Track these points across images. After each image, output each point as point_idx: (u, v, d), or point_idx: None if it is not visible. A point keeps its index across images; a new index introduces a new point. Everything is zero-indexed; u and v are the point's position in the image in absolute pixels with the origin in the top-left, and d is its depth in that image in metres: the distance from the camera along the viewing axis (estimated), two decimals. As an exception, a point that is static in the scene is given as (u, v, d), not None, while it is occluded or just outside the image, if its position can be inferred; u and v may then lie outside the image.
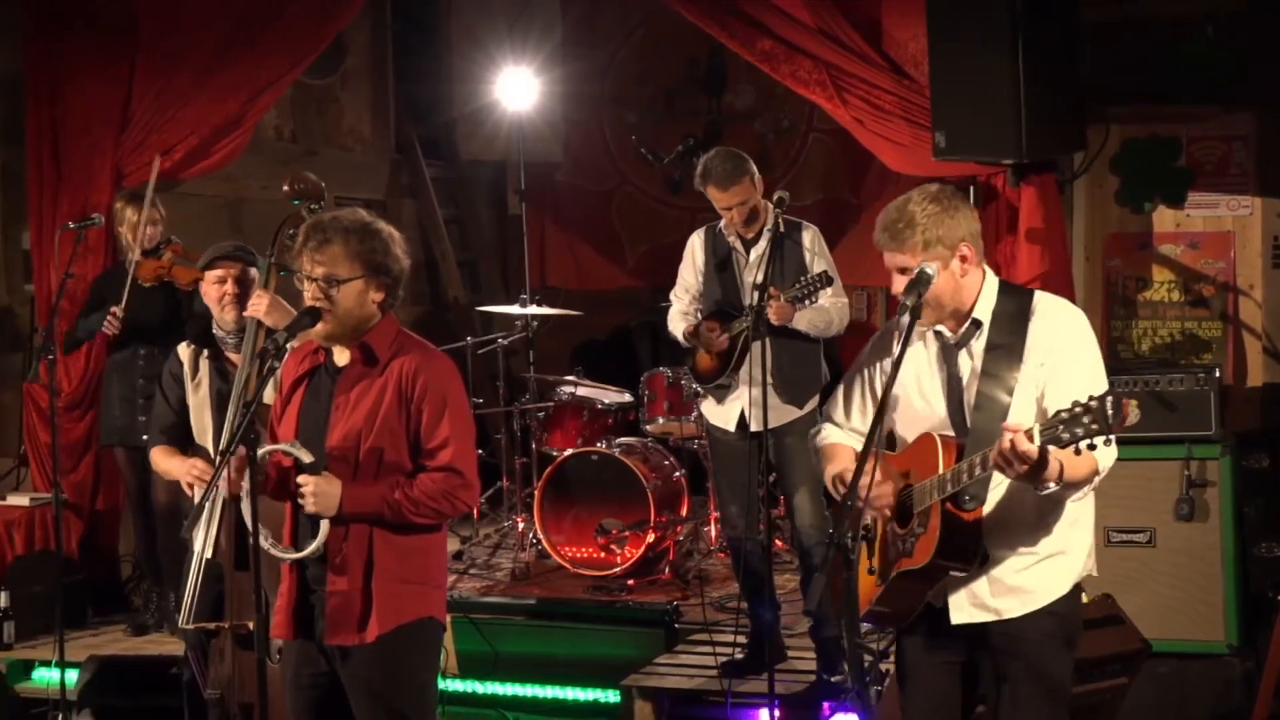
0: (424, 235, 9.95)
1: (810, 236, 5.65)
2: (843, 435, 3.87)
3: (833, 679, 5.48)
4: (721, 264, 5.76)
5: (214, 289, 4.89)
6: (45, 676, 6.48)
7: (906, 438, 3.69)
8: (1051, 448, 3.24)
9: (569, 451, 7.10)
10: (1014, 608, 3.59)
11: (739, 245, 5.71)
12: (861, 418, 3.82)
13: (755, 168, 5.63)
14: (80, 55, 7.22)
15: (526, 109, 9.00)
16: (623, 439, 7.27)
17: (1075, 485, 3.46)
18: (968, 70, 5.65)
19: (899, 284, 3.58)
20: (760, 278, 5.24)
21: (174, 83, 7.18)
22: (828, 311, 5.58)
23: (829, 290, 5.50)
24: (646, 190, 9.82)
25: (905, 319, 3.56)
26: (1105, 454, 3.39)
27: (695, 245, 5.87)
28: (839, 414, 3.88)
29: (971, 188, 6.36)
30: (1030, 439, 3.23)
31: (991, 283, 3.63)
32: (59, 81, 7.25)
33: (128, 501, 7.08)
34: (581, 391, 7.57)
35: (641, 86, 9.84)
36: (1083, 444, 3.16)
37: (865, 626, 3.90)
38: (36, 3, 7.31)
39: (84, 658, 6.22)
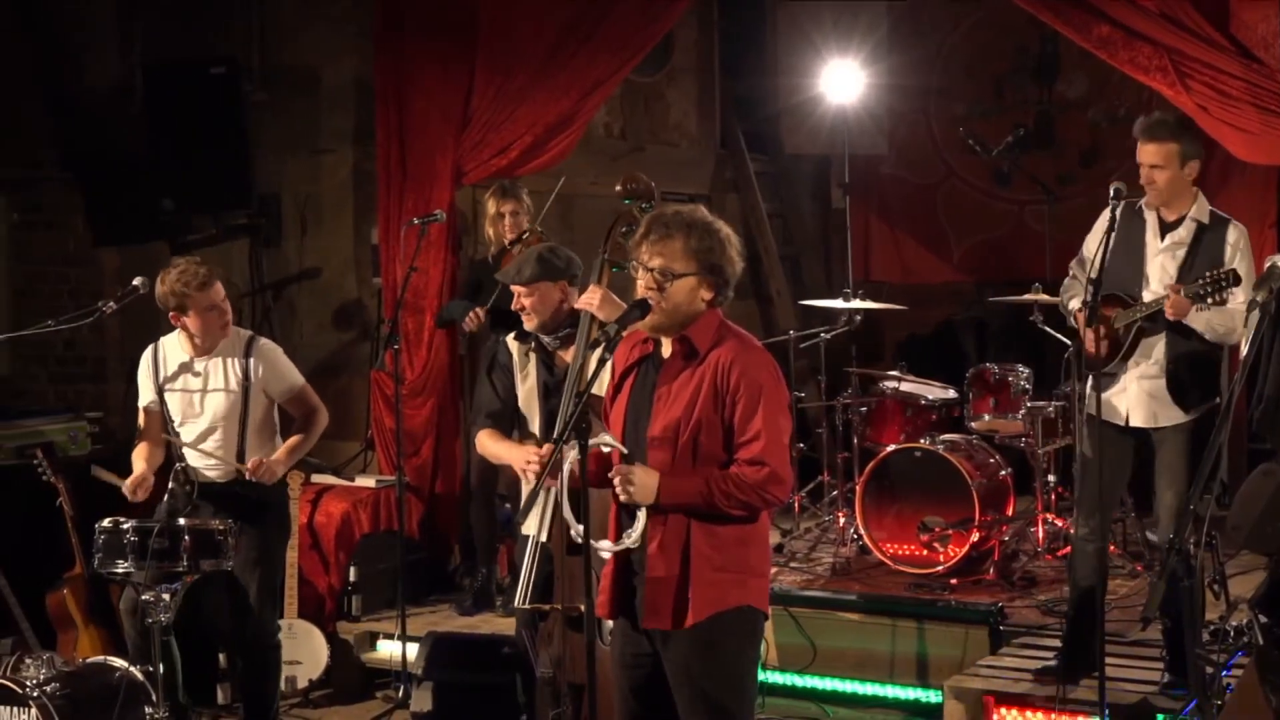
0: (747, 229, 10.01)
1: (1236, 234, 5.21)
2: None
3: (1175, 691, 5.25)
4: (1130, 242, 5.35)
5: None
6: (388, 649, 6.86)
7: None
8: None
9: (892, 447, 7.03)
10: None
11: (1155, 227, 5.33)
12: None
13: (1193, 148, 5.24)
14: (424, 58, 7.49)
15: (851, 102, 8.93)
16: (947, 435, 7.14)
17: None
18: (1326, 51, 5.34)
19: None
20: (1174, 269, 5.00)
21: (511, 82, 7.39)
22: (1232, 315, 5.09)
23: (1238, 292, 5.01)
24: (974, 183, 9.62)
25: None
26: None
27: (1107, 218, 5.36)
28: None
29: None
30: None
31: None
32: (404, 83, 7.54)
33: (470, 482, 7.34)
34: (905, 387, 7.48)
35: (970, 77, 9.65)
36: None
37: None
38: (385, 8, 7.61)
39: (423, 633, 6.52)
